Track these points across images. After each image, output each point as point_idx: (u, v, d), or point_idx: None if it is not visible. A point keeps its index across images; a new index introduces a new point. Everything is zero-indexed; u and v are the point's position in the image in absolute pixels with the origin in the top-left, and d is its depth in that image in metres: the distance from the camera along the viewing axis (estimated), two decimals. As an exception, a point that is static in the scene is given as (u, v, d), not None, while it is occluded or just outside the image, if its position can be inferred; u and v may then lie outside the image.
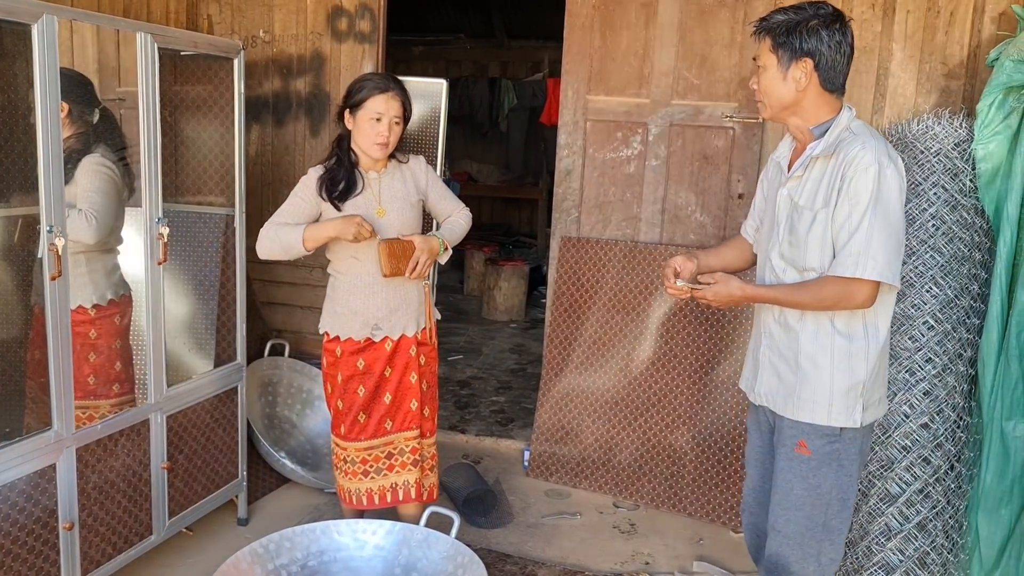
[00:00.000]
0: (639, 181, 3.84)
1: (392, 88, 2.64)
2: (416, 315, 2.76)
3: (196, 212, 3.24)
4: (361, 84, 2.66)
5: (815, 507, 2.08)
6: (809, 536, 2.10)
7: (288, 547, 2.45)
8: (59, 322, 2.35)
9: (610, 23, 3.77)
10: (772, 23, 2.02)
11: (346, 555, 2.54)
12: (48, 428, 2.36)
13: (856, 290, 1.94)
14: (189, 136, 3.21)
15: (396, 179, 2.75)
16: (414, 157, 2.84)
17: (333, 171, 2.69)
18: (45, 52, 2.22)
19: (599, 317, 3.78)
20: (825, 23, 1.97)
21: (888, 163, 1.93)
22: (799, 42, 1.98)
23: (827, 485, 2.07)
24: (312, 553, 2.50)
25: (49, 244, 2.28)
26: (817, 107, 2.05)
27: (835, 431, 2.05)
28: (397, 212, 2.70)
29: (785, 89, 2.03)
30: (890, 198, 1.92)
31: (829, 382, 2.03)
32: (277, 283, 4.27)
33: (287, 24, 4.24)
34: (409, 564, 2.50)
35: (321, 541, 2.52)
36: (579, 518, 3.49)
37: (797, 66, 2.00)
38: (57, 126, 2.29)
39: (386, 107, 2.62)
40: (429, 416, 2.85)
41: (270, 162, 4.36)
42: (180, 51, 2.82)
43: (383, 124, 2.62)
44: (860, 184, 1.92)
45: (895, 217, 1.93)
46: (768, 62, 2.03)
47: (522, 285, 6.92)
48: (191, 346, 3.29)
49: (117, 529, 2.65)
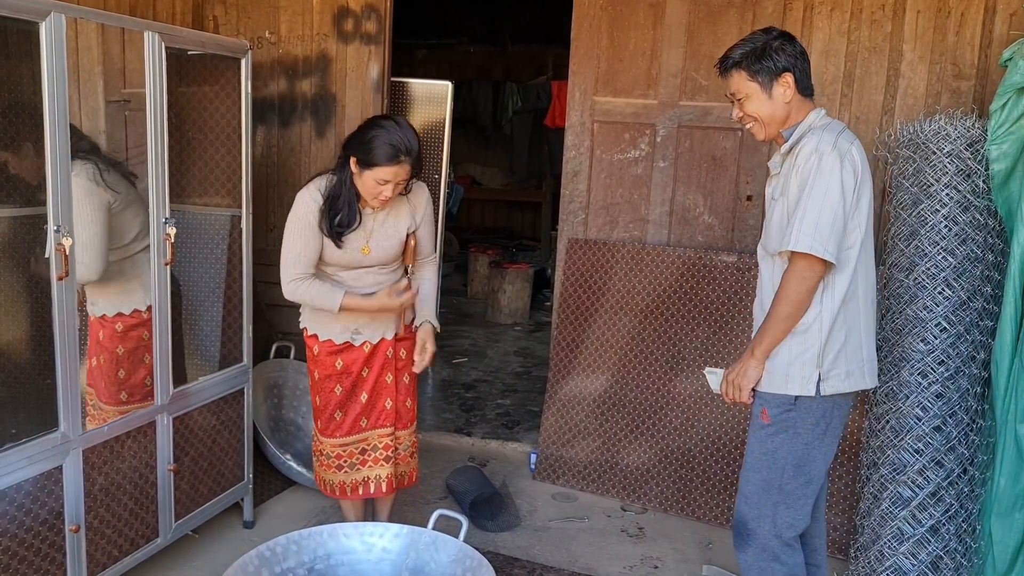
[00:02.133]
0: (647, 183, 3.82)
1: (405, 159, 2.49)
2: (395, 319, 2.78)
3: (202, 213, 3.23)
4: (374, 144, 2.49)
5: (771, 471, 2.27)
6: (765, 497, 2.28)
7: (295, 550, 2.43)
8: (66, 323, 2.32)
9: (618, 24, 3.76)
10: (737, 57, 2.24)
11: (353, 558, 2.52)
12: (55, 429, 2.34)
13: (801, 267, 2.13)
14: (195, 137, 3.19)
15: (391, 215, 2.70)
16: (418, 186, 2.75)
17: (334, 205, 2.60)
18: (53, 50, 2.20)
19: (606, 319, 3.76)
20: (784, 40, 2.23)
21: (830, 151, 2.11)
22: (773, 62, 2.21)
23: (783, 451, 2.25)
24: (319, 556, 2.48)
25: (56, 244, 2.27)
26: (797, 112, 2.27)
27: (789, 399, 2.22)
28: (382, 250, 2.69)
29: (774, 106, 2.25)
30: (827, 183, 2.10)
31: (786, 353, 2.22)
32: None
33: (293, 25, 4.23)
34: (417, 567, 2.48)
35: (328, 544, 2.50)
36: (587, 522, 3.46)
37: (779, 83, 2.22)
38: (65, 125, 2.27)
39: (395, 175, 2.51)
40: (411, 407, 2.89)
41: (276, 163, 4.34)
42: (187, 51, 2.80)
43: (388, 188, 2.53)
44: (801, 173, 2.14)
45: (830, 198, 2.10)
46: (750, 90, 2.25)
47: (526, 288, 6.90)
48: (196, 348, 3.27)
49: (123, 531, 2.63)
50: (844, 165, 2.12)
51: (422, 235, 2.80)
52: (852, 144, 2.18)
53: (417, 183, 2.74)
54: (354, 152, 2.54)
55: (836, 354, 2.21)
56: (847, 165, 2.13)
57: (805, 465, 2.25)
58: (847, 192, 2.13)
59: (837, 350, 2.21)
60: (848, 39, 3.51)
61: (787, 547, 2.29)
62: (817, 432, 2.25)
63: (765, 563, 2.30)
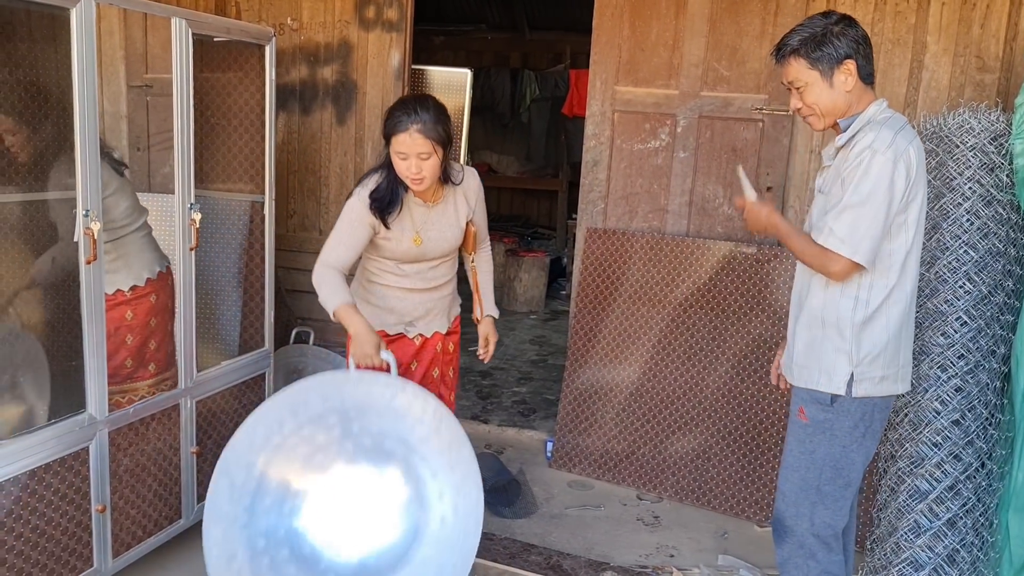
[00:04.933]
0: (667, 173, 3.82)
1: (412, 125, 2.42)
2: (447, 311, 2.79)
3: (224, 198, 3.25)
4: (388, 117, 2.50)
5: (809, 470, 2.24)
6: (803, 497, 2.26)
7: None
8: (93, 306, 2.36)
9: (640, 13, 3.75)
10: (795, 44, 2.12)
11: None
12: (82, 411, 2.38)
13: (829, 259, 2.08)
14: (218, 123, 3.22)
15: (449, 206, 2.65)
16: (469, 172, 2.72)
17: (378, 188, 2.56)
18: (83, 36, 2.23)
19: (624, 309, 3.76)
20: (847, 24, 2.11)
21: (884, 149, 2.03)
22: (834, 49, 2.09)
23: (820, 452, 2.22)
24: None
25: (85, 228, 2.30)
26: (858, 102, 2.15)
27: (826, 399, 2.19)
28: (438, 241, 2.64)
29: (836, 95, 2.13)
30: (875, 183, 2.03)
31: (820, 350, 2.19)
32: (302, 270, 4.28)
33: (315, 12, 4.24)
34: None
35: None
36: (603, 510, 3.49)
37: (840, 71, 2.11)
38: (94, 111, 2.30)
39: (409, 145, 2.43)
40: (452, 400, 2.90)
41: (296, 150, 4.36)
42: (213, 37, 2.82)
43: (410, 162, 2.46)
44: (853, 170, 2.06)
45: (875, 199, 2.03)
46: (810, 78, 2.13)
47: (542, 276, 6.91)
48: (218, 332, 3.30)
49: (148, 512, 2.67)
50: (897, 167, 2.03)
51: (478, 221, 2.77)
52: (911, 144, 2.08)
53: (468, 169, 2.72)
54: (382, 129, 2.56)
55: (873, 357, 2.15)
56: (900, 167, 2.03)
57: (843, 468, 2.21)
58: (895, 195, 2.04)
59: (874, 354, 2.15)
60: (872, 31, 3.48)
61: (824, 546, 2.27)
62: (856, 435, 2.20)
63: (801, 560, 2.29)
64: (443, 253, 2.68)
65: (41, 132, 2.56)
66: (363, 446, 2.41)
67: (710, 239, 3.68)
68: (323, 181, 4.35)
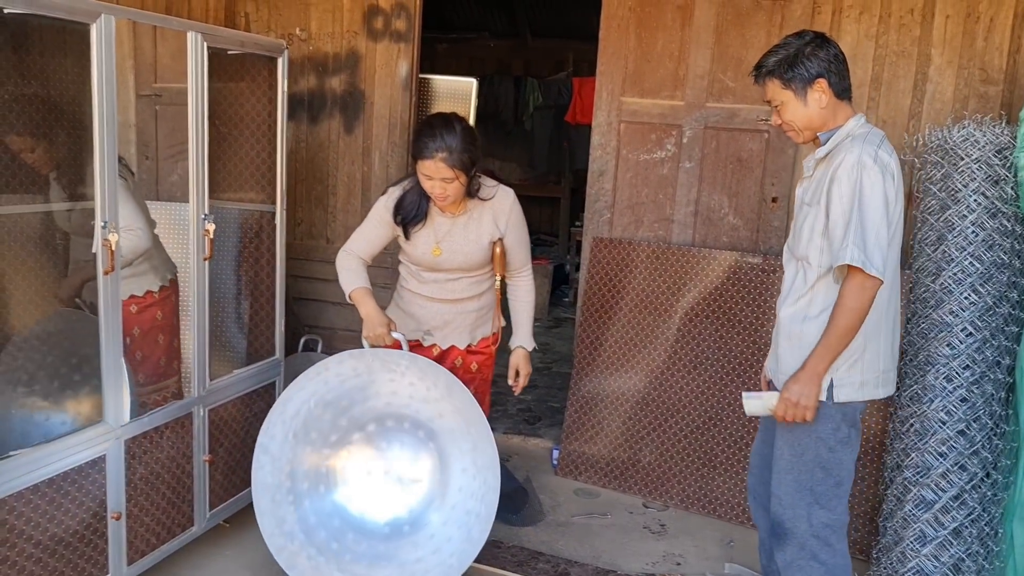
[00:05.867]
0: (672, 183, 3.86)
1: (437, 153, 2.48)
2: (471, 328, 2.79)
3: (235, 208, 3.28)
4: (416, 138, 2.56)
5: (801, 472, 2.30)
6: (798, 498, 2.31)
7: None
8: (111, 316, 2.39)
9: (646, 25, 3.79)
10: (771, 66, 2.24)
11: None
12: (100, 420, 2.41)
13: (858, 280, 2.10)
14: (229, 133, 3.24)
15: (472, 220, 2.67)
16: (503, 192, 2.71)
17: (404, 196, 2.65)
18: (103, 50, 2.26)
19: (629, 317, 3.79)
20: (817, 45, 2.21)
21: (872, 164, 2.11)
22: (805, 70, 2.20)
23: (809, 454, 2.28)
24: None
25: (103, 240, 2.33)
26: (834, 115, 2.25)
27: None
28: (458, 255, 2.66)
29: (810, 112, 2.24)
30: (872, 197, 2.10)
31: (799, 357, 2.24)
32: (309, 279, 4.31)
33: (323, 22, 4.28)
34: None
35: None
36: (609, 518, 3.51)
37: (813, 89, 2.21)
38: (113, 123, 2.33)
39: (432, 170, 2.51)
40: None
41: (304, 159, 4.40)
42: (227, 50, 2.85)
43: (434, 183, 2.53)
44: (844, 186, 2.12)
45: (875, 213, 2.10)
46: (784, 97, 2.24)
47: (545, 284, 6.93)
48: (229, 341, 3.33)
49: (161, 520, 2.70)
50: (886, 179, 2.12)
51: (510, 244, 2.72)
52: (891, 156, 2.18)
53: (502, 188, 2.71)
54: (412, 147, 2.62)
55: (852, 363, 2.22)
56: (888, 179, 2.13)
57: (832, 468, 2.28)
58: (890, 206, 2.13)
59: (854, 359, 2.22)
60: (876, 43, 3.53)
61: (826, 546, 2.30)
62: (840, 436, 2.27)
63: (804, 562, 2.32)
64: (459, 267, 2.69)
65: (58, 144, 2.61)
66: (383, 412, 2.67)
67: (715, 249, 3.71)
68: (331, 190, 4.38)
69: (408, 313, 2.76)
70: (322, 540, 2.64)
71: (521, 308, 2.84)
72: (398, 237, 2.73)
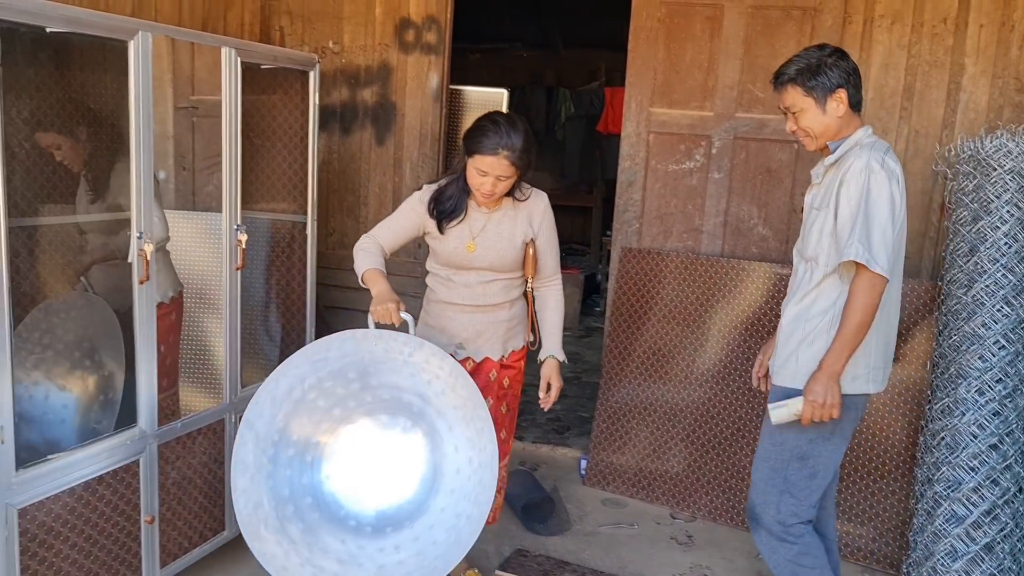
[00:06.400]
0: (701, 193, 3.85)
1: (503, 150, 2.45)
2: (504, 339, 2.72)
3: (268, 218, 3.34)
4: (478, 133, 2.50)
5: (777, 460, 2.42)
6: (771, 485, 2.43)
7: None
8: (145, 323, 2.45)
9: (674, 36, 3.80)
10: (792, 73, 2.33)
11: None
12: (134, 425, 2.47)
13: (866, 278, 2.19)
14: (262, 144, 3.31)
15: (507, 217, 2.64)
16: (537, 194, 2.70)
17: (444, 190, 2.62)
18: (140, 66, 2.33)
19: (658, 328, 3.79)
20: (838, 57, 2.31)
21: (879, 168, 2.21)
22: (827, 79, 2.29)
23: (789, 443, 2.39)
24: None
25: (139, 250, 2.39)
26: (847, 126, 2.35)
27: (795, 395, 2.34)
28: (492, 251, 2.62)
29: (827, 120, 2.33)
30: (878, 199, 2.20)
31: (795, 351, 2.37)
32: (341, 288, 4.37)
33: (356, 36, 4.34)
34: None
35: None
36: (636, 528, 3.51)
37: (833, 98, 2.30)
38: (149, 136, 2.39)
39: (493, 167, 2.47)
40: (505, 439, 2.80)
41: (336, 170, 4.46)
42: (260, 64, 2.92)
43: (488, 180, 2.50)
44: (852, 188, 2.22)
45: (881, 214, 2.20)
46: (804, 104, 2.33)
47: (576, 293, 6.94)
48: (261, 349, 3.39)
49: (193, 524, 2.75)
50: (892, 183, 2.22)
51: (541, 246, 2.69)
52: (897, 164, 2.28)
53: (536, 191, 2.70)
54: (464, 139, 2.54)
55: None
56: (895, 183, 2.23)
57: (809, 459, 2.38)
58: (896, 209, 2.22)
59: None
60: (909, 52, 3.50)
61: (789, 533, 2.43)
62: (823, 430, 2.35)
63: (775, 544, 2.46)
64: (492, 265, 2.62)
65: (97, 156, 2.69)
66: (381, 399, 2.52)
67: (744, 259, 3.69)
68: (362, 200, 4.44)
69: (438, 328, 2.69)
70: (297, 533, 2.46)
71: (551, 318, 2.77)
72: (427, 236, 2.66)
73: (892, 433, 3.29)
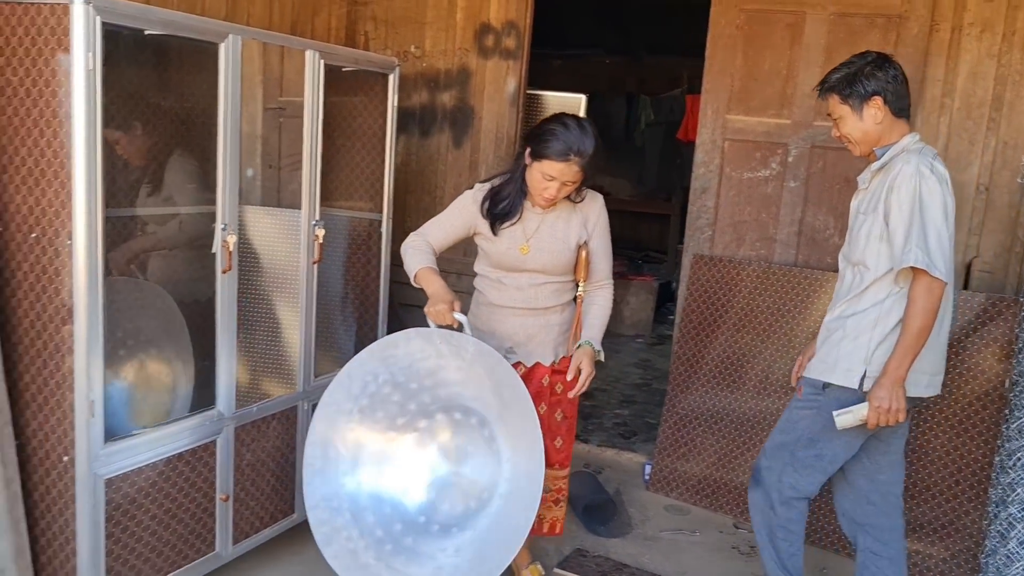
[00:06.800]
0: (776, 202, 3.81)
1: (575, 157, 2.41)
2: (555, 344, 2.66)
3: (345, 216, 3.46)
4: (549, 137, 2.43)
5: (788, 435, 2.55)
6: (777, 455, 2.57)
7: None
8: (227, 311, 2.58)
9: (753, 43, 3.77)
10: (832, 82, 2.42)
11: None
12: (212, 407, 2.60)
13: (925, 281, 2.22)
14: (343, 144, 3.43)
15: (561, 219, 2.59)
16: (592, 195, 2.64)
17: (500, 190, 2.57)
18: (230, 67, 2.46)
19: (728, 336, 3.77)
20: (877, 66, 2.36)
21: (929, 173, 2.24)
22: (862, 87, 2.35)
23: (802, 424, 2.51)
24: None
25: (223, 241, 2.52)
26: (890, 132, 2.39)
27: (819, 384, 2.47)
28: (545, 253, 2.56)
29: (866, 127, 2.39)
30: (931, 203, 2.23)
31: (837, 345, 2.43)
32: (415, 287, 4.47)
33: (437, 40, 4.45)
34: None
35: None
36: (698, 536, 3.49)
37: (869, 105, 2.36)
38: (236, 134, 2.52)
39: (562, 172, 2.42)
40: (562, 447, 2.72)
41: (414, 171, 4.58)
42: (342, 67, 3.03)
43: (553, 185, 2.45)
44: (903, 193, 2.25)
45: (935, 218, 2.23)
46: (842, 112, 2.41)
47: (650, 300, 6.92)
48: (334, 342, 3.51)
49: (265, 505, 2.87)
50: (943, 188, 2.26)
51: (595, 249, 2.63)
52: (945, 169, 2.31)
53: (592, 193, 2.64)
54: (530, 142, 2.49)
55: (886, 357, 2.32)
56: (945, 188, 2.27)
57: (818, 442, 2.48)
58: (949, 213, 2.26)
59: (889, 352, 2.31)
60: (998, 62, 3.40)
61: (784, 503, 2.56)
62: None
63: (766, 507, 2.61)
64: (544, 267, 2.56)
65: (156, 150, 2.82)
66: (441, 398, 2.58)
67: (819, 270, 3.64)
68: (438, 201, 4.54)
69: (488, 331, 2.62)
70: (369, 523, 2.52)
71: (595, 312, 2.65)
72: (477, 237, 2.62)
73: (967, 452, 3.19)
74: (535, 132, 2.49)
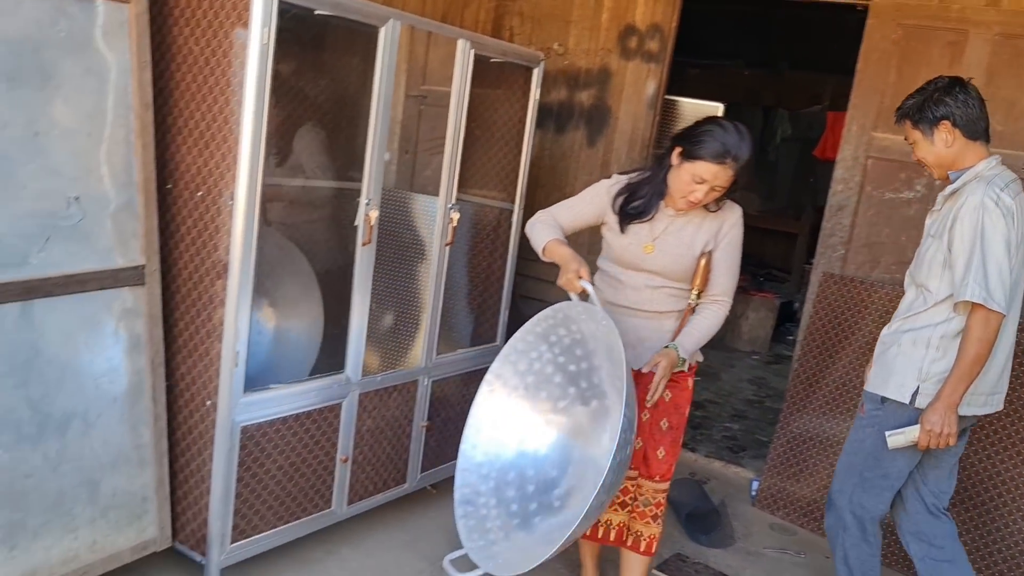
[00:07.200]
0: (918, 225, 3.65)
1: (732, 161, 2.32)
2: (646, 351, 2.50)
3: (478, 203, 3.56)
4: (705, 138, 2.34)
5: (855, 455, 2.58)
6: (847, 476, 2.60)
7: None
8: (363, 281, 2.71)
9: (909, 59, 3.64)
10: (905, 109, 2.48)
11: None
12: (341, 371, 2.74)
13: (981, 314, 2.25)
14: (481, 134, 3.53)
15: (691, 224, 2.48)
16: (730, 206, 2.53)
17: (637, 187, 2.49)
18: (388, 50, 2.59)
19: (852, 359, 3.65)
20: (946, 91, 2.39)
21: (993, 207, 2.26)
22: (931, 113, 2.40)
23: (867, 443, 2.53)
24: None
25: (365, 215, 2.65)
26: (964, 155, 2.41)
27: (877, 398, 2.50)
28: (668, 256, 2.47)
29: (938, 151, 2.43)
30: (993, 237, 2.26)
31: (891, 362, 2.47)
32: (537, 280, 4.54)
33: (580, 39, 4.50)
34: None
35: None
36: (803, 558, 3.41)
37: (939, 130, 2.40)
38: (387, 115, 2.65)
39: (715, 175, 2.32)
40: (664, 458, 2.56)
41: (547, 166, 4.65)
42: (490, 58, 3.12)
43: (702, 188, 2.34)
44: (966, 225, 2.29)
45: (997, 251, 2.25)
46: (916, 137, 2.47)
47: (770, 318, 6.77)
48: (457, 323, 3.61)
49: (380, 471, 3.00)
50: (1007, 221, 2.27)
51: (719, 260, 2.49)
52: (1014, 199, 2.30)
53: (730, 204, 2.52)
54: (682, 141, 2.39)
55: (942, 375, 2.35)
56: (1010, 221, 2.28)
57: (883, 460, 2.49)
58: (1012, 246, 2.28)
59: (943, 372, 2.35)
60: None
61: (857, 523, 2.57)
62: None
63: (839, 530, 2.62)
64: (664, 269, 2.48)
65: (287, 124, 2.95)
66: (604, 390, 2.50)
67: (958, 299, 3.48)
68: (567, 197, 4.57)
69: None
70: (507, 497, 2.51)
71: (698, 322, 2.51)
72: (603, 227, 2.55)
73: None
74: (688, 132, 2.41)
